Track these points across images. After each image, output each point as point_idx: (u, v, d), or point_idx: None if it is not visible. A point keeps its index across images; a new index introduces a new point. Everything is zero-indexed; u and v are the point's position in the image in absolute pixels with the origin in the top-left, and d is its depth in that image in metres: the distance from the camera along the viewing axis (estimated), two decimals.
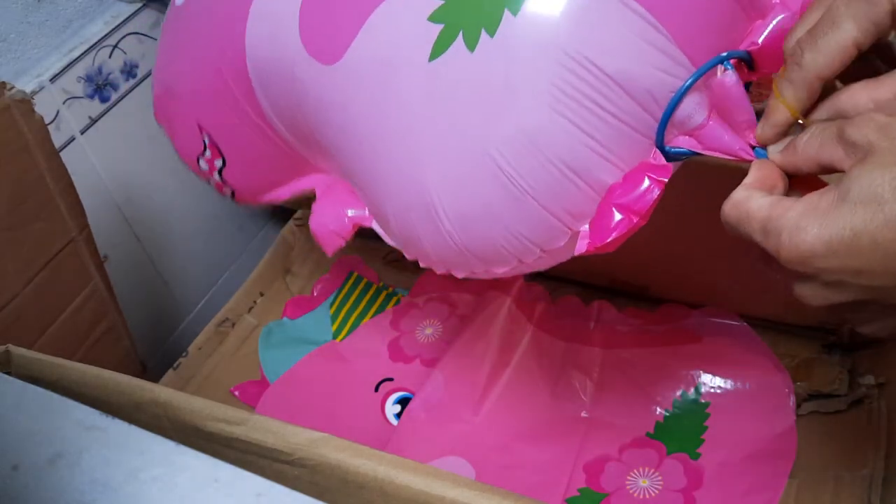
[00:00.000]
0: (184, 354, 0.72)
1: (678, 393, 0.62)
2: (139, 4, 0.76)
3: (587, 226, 0.37)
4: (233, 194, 0.56)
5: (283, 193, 0.54)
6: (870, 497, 0.53)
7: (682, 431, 0.60)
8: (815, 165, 0.31)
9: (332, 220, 0.48)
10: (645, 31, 0.34)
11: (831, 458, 0.56)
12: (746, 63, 0.36)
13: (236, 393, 0.70)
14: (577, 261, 0.40)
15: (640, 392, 0.63)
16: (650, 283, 0.69)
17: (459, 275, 0.42)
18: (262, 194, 0.55)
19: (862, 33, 0.31)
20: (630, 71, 0.34)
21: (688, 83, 0.35)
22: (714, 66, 0.35)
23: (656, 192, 0.36)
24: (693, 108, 0.36)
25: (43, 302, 0.61)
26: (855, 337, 0.64)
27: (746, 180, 0.33)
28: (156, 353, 0.85)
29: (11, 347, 0.47)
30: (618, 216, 0.36)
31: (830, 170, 0.31)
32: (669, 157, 0.36)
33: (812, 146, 0.31)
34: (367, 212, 0.46)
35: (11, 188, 0.56)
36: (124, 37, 0.75)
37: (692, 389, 0.62)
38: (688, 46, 0.35)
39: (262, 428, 0.41)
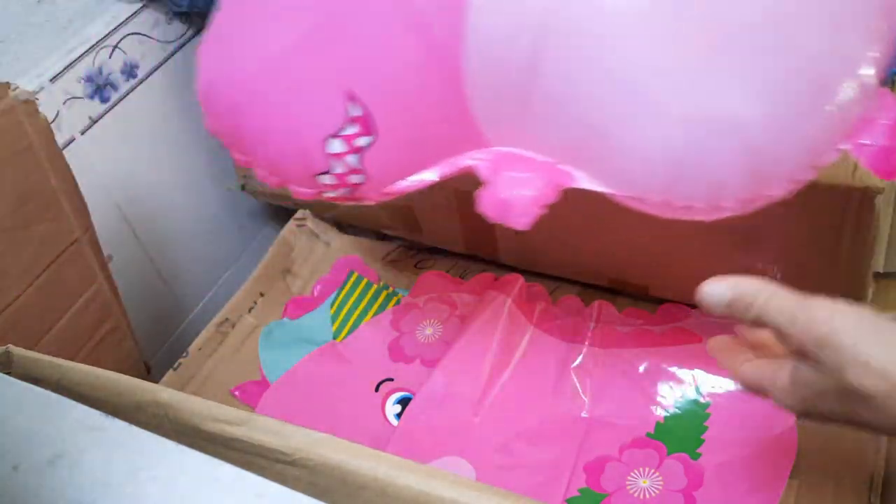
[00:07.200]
0: (184, 355, 0.72)
1: (678, 393, 0.62)
2: (139, 4, 0.77)
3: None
4: (352, 190, 0.48)
5: (428, 177, 0.48)
6: (870, 497, 0.53)
7: (683, 431, 0.60)
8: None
9: (531, 187, 0.44)
10: None
11: (831, 458, 0.56)
12: None
13: (236, 393, 0.70)
14: (577, 261, 0.39)
15: (640, 392, 0.63)
16: (650, 283, 0.69)
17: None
18: (403, 178, 0.48)
19: None
20: None
21: None
22: None
23: None
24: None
25: (46, 302, 0.60)
26: None
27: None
28: (156, 354, 0.85)
29: (12, 348, 0.47)
30: None
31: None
32: None
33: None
34: (575, 174, 0.44)
35: (15, 189, 0.56)
36: (124, 37, 0.76)
37: (692, 389, 0.62)
38: None
39: (263, 428, 0.41)
